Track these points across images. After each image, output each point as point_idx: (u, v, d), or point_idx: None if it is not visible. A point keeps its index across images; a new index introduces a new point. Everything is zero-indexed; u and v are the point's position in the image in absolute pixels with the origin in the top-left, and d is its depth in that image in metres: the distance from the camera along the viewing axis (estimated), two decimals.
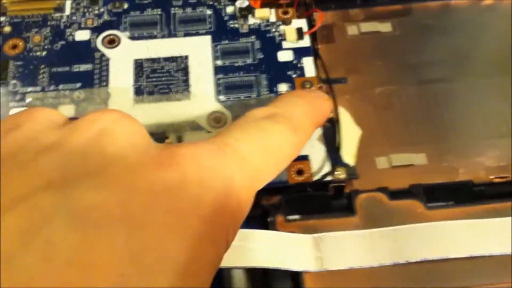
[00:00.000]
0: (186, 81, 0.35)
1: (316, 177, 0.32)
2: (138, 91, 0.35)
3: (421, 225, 0.29)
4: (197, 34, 0.38)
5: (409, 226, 0.29)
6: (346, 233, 0.29)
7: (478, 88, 0.36)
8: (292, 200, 0.31)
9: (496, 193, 0.32)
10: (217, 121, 0.34)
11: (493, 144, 0.34)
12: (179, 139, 0.33)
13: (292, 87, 0.35)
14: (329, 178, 0.32)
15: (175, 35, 0.38)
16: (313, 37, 0.38)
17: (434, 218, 0.30)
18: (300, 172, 0.32)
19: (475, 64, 0.37)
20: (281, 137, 0.26)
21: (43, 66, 0.36)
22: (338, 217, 0.30)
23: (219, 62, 0.36)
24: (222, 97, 0.35)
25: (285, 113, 0.27)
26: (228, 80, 0.36)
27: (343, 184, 0.32)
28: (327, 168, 0.32)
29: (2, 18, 0.38)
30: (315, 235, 0.29)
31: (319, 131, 0.33)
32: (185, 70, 0.36)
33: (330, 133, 0.33)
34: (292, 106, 0.28)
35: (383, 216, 0.30)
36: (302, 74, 0.36)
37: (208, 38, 0.37)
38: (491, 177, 0.33)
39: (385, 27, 0.39)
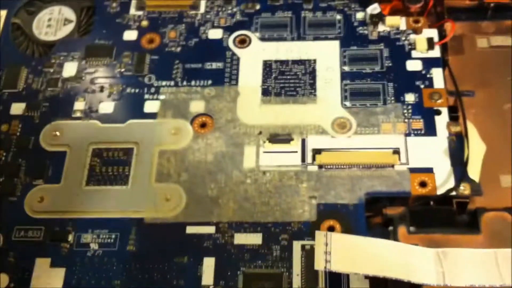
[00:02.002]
0: (313, 85, 0.36)
1: (439, 191, 0.32)
2: (266, 92, 0.36)
3: None
4: (326, 38, 0.38)
5: None
6: (469, 251, 0.29)
7: None
8: (416, 212, 0.31)
9: None
10: (341, 127, 0.34)
11: None
12: (304, 142, 0.34)
13: (420, 97, 0.35)
14: (453, 192, 0.31)
15: (304, 38, 0.38)
16: (443, 48, 0.37)
17: None
18: (423, 184, 0.32)
19: None
20: None
21: (177, 61, 0.38)
22: (462, 234, 0.30)
23: (346, 68, 0.37)
24: (348, 103, 0.35)
25: None
26: (355, 86, 0.36)
27: (467, 200, 0.31)
28: (451, 182, 0.32)
29: (140, 13, 0.40)
30: (439, 249, 0.29)
31: (444, 144, 0.33)
32: (312, 74, 0.37)
33: (456, 147, 0.33)
34: None
35: (509, 237, 0.30)
36: (430, 85, 0.35)
37: (336, 43, 0.38)
38: None
39: None
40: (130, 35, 0.39)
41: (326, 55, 0.37)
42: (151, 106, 0.36)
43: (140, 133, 0.35)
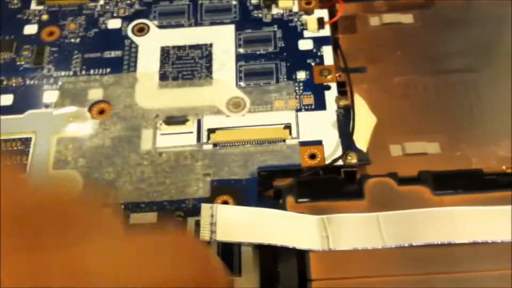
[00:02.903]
0: (209, 68, 0.37)
1: (328, 162, 0.33)
2: (163, 77, 0.37)
3: (427, 210, 0.30)
4: (222, 23, 0.39)
5: (415, 210, 0.30)
6: (352, 215, 0.30)
7: (494, 79, 0.36)
8: (304, 183, 0.32)
9: (507, 183, 0.33)
10: (236, 106, 0.35)
11: (507, 134, 0.34)
12: (199, 122, 0.35)
13: (311, 74, 0.36)
14: (340, 162, 0.33)
15: (201, 24, 0.39)
16: (334, 27, 0.39)
17: (441, 204, 0.31)
18: (313, 157, 0.33)
19: (492, 56, 0.37)
20: None
21: (76, 52, 0.38)
22: (346, 200, 0.31)
23: (241, 50, 0.38)
24: (242, 83, 0.36)
25: None
26: (249, 67, 0.37)
27: (355, 169, 0.33)
28: (339, 153, 0.33)
29: (41, 7, 0.41)
30: (323, 216, 0.30)
31: (333, 117, 0.34)
32: (208, 57, 0.38)
33: (344, 120, 0.34)
34: None
35: (391, 201, 0.31)
36: (321, 62, 0.37)
37: (232, 27, 0.39)
38: (503, 167, 0.33)
39: (406, 18, 0.40)
40: (30, 29, 0.40)
41: (222, 39, 0.38)
42: (50, 96, 0.36)
43: (38, 123, 0.35)
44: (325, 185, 0.33)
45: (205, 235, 0.29)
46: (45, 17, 0.40)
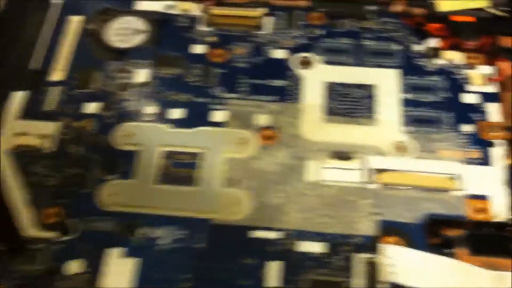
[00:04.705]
0: (372, 108, 0.38)
1: (495, 218, 0.33)
2: (328, 111, 0.38)
3: None
4: (384, 66, 0.40)
5: None
6: None
7: None
8: (476, 236, 0.33)
9: None
10: (400, 150, 0.36)
11: None
12: (364, 161, 0.35)
13: (476, 129, 0.37)
14: (509, 221, 0.33)
15: (364, 65, 0.40)
16: (499, 84, 0.39)
17: None
18: (479, 210, 0.34)
19: None
20: None
21: (243, 76, 0.39)
22: None
23: (406, 95, 0.38)
24: (407, 128, 0.37)
25: None
26: (414, 113, 0.38)
27: None
28: (507, 210, 0.33)
29: (210, 29, 0.42)
30: (499, 272, 0.30)
31: (500, 175, 0.35)
32: (372, 98, 0.38)
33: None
34: None
35: None
36: (485, 118, 0.37)
37: (395, 72, 0.40)
38: None
39: None
40: (198, 49, 0.41)
41: (386, 82, 0.39)
42: (218, 115, 0.38)
43: (208, 140, 0.36)
44: (496, 241, 0.33)
45: (385, 276, 0.29)
46: (213, 39, 0.41)
